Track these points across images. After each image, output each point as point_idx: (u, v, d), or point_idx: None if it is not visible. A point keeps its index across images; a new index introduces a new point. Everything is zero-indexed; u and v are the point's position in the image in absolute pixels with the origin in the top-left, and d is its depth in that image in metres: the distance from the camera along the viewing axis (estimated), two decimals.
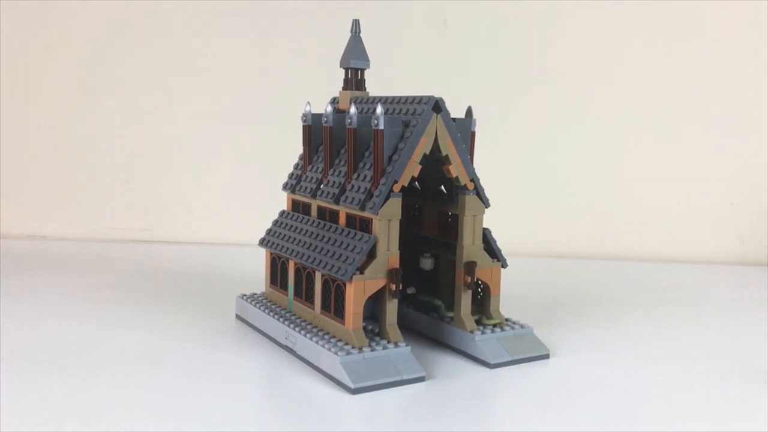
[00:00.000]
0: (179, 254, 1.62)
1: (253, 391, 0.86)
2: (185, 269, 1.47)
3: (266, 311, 1.04)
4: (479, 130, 1.01)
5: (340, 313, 0.92)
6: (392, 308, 0.92)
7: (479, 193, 0.97)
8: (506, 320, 1.02)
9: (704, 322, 1.19)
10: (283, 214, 1.11)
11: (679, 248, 1.72)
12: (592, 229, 1.73)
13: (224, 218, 1.76)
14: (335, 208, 0.97)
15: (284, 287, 1.06)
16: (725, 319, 1.22)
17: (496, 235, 1.01)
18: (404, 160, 0.90)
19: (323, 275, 0.94)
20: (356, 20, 1.07)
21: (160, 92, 1.73)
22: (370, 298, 0.90)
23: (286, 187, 1.10)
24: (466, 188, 0.96)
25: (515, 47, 1.70)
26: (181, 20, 1.71)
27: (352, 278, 0.88)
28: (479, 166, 0.99)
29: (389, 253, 0.90)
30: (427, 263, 1.03)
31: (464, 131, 0.97)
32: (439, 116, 0.92)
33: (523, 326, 1.00)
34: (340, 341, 0.90)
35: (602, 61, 1.70)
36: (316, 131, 1.05)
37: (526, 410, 0.81)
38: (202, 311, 1.16)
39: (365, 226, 0.92)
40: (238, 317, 1.13)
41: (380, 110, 0.90)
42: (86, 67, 1.73)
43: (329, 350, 0.88)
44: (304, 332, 0.94)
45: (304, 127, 1.06)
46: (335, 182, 0.98)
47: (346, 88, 1.08)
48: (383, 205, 0.89)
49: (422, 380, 0.88)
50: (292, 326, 0.97)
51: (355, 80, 1.08)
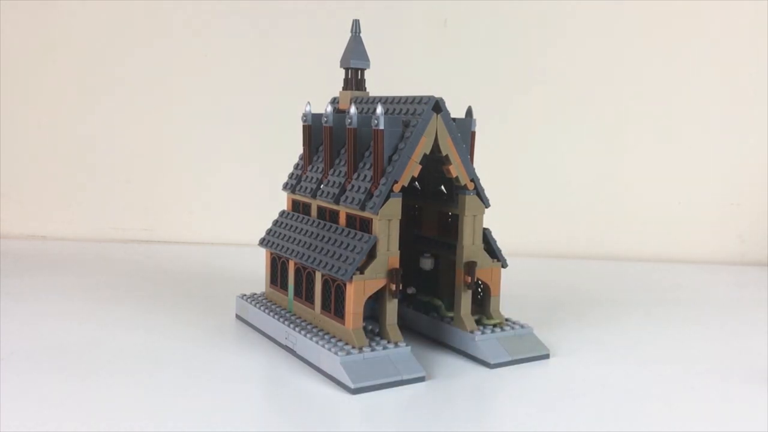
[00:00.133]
0: (179, 254, 1.62)
1: (253, 391, 0.86)
2: (185, 269, 1.47)
3: (266, 311, 1.04)
4: (479, 130, 1.01)
5: (340, 313, 0.92)
6: (392, 308, 0.92)
7: (479, 193, 0.97)
8: (506, 320, 1.02)
9: (704, 322, 1.19)
10: (283, 214, 1.11)
11: (679, 248, 1.72)
12: (592, 229, 1.73)
13: (224, 218, 1.76)
14: (335, 208, 0.97)
15: (284, 287, 1.06)
16: (725, 319, 1.22)
17: (496, 235, 1.01)
18: (404, 160, 0.90)
19: (323, 275, 0.94)
20: (356, 20, 1.07)
21: (160, 92, 1.74)
22: (370, 298, 0.90)
23: (286, 187, 1.10)
24: (466, 188, 0.96)
25: (515, 47, 1.70)
26: (181, 20, 1.71)
27: (352, 278, 0.88)
28: (479, 166, 0.99)
29: (389, 253, 0.90)
30: (427, 263, 1.03)
31: (464, 131, 0.97)
32: (439, 116, 0.92)
33: (523, 326, 1.00)
34: (340, 341, 0.90)
35: (602, 61, 1.70)
36: (316, 131, 1.05)
37: (526, 410, 0.81)
38: (202, 311, 1.16)
39: (365, 226, 0.92)
40: (238, 317, 1.13)
41: (380, 110, 0.90)
42: (86, 67, 1.73)
43: (329, 350, 0.88)
44: (304, 332, 0.94)
45: (304, 127, 1.06)
46: (335, 182, 0.98)
47: (346, 88, 1.08)
48: (383, 205, 0.89)
49: (422, 380, 0.88)
50: (292, 326, 0.97)
51: (355, 80, 1.08)
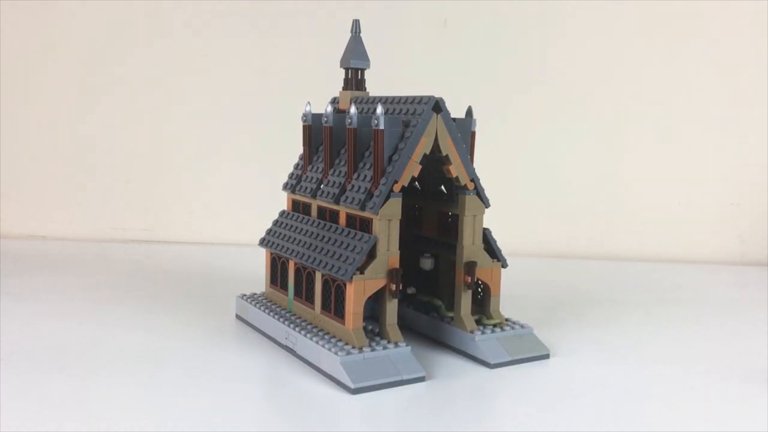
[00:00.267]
0: (179, 254, 1.62)
1: (253, 391, 0.86)
2: (185, 269, 1.47)
3: (266, 311, 1.04)
4: (479, 130, 1.01)
5: (340, 313, 0.92)
6: (392, 308, 0.92)
7: (479, 193, 0.97)
8: (506, 320, 1.02)
9: (704, 322, 1.19)
10: (283, 214, 1.11)
11: (679, 248, 1.72)
12: (592, 229, 1.73)
13: (224, 218, 1.76)
14: (335, 208, 0.97)
15: (284, 287, 1.06)
16: (725, 319, 1.22)
17: (496, 235, 1.01)
18: (404, 160, 0.90)
19: (323, 275, 0.94)
20: (356, 20, 1.07)
21: (160, 92, 1.74)
22: (370, 298, 0.90)
23: (286, 187, 1.10)
24: (466, 188, 0.96)
25: (515, 47, 1.70)
26: (181, 20, 1.71)
27: (352, 278, 0.88)
28: (479, 166, 0.99)
29: (389, 253, 0.90)
30: (427, 263, 1.03)
31: (464, 131, 0.97)
32: (439, 116, 0.92)
33: (523, 326, 1.00)
34: (340, 341, 0.90)
35: (602, 61, 1.70)
36: (316, 131, 1.05)
37: (526, 410, 0.81)
38: (202, 311, 1.16)
39: (365, 226, 0.92)
40: (238, 317, 1.13)
41: (380, 110, 0.90)
42: (86, 67, 1.73)
43: (329, 350, 0.88)
44: (304, 332, 0.94)
45: (304, 127, 1.06)
46: (335, 182, 0.98)
47: (346, 88, 1.08)
48: (383, 205, 0.89)
49: (422, 380, 0.88)
50: (292, 326, 0.97)
51: (355, 80, 1.08)
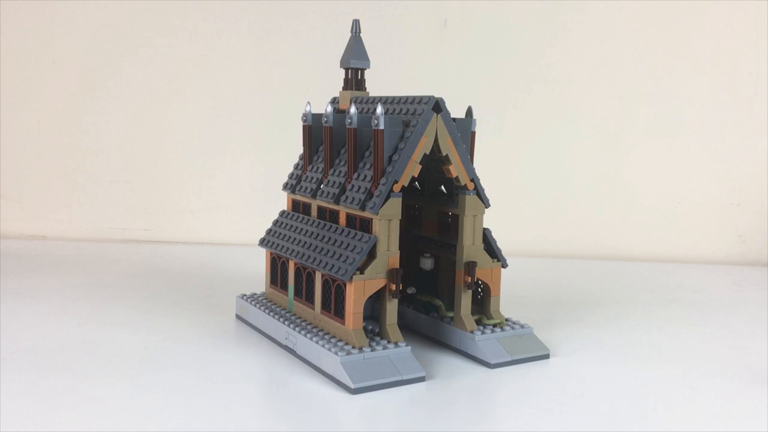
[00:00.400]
0: (179, 254, 1.62)
1: (253, 391, 0.86)
2: (185, 269, 1.47)
3: (266, 311, 1.04)
4: (479, 129, 1.01)
5: (340, 313, 0.92)
6: (392, 308, 0.92)
7: (479, 193, 0.97)
8: (506, 320, 1.02)
9: (704, 322, 1.19)
10: (283, 214, 1.11)
11: (679, 248, 1.72)
12: (592, 229, 1.73)
13: (224, 218, 1.76)
14: (335, 208, 0.97)
15: (284, 287, 1.06)
16: (725, 319, 1.22)
17: (496, 235, 1.01)
18: (404, 160, 0.90)
19: (323, 275, 0.94)
20: (356, 20, 1.07)
21: (160, 92, 1.73)
22: (370, 298, 0.90)
23: (286, 187, 1.10)
24: (466, 188, 0.96)
25: (515, 47, 1.70)
26: (181, 20, 1.71)
27: (352, 278, 0.88)
28: (479, 166, 0.99)
29: (389, 253, 0.90)
30: (427, 263, 1.03)
31: (464, 131, 0.97)
32: (439, 116, 0.92)
33: (523, 326, 1.00)
34: (340, 341, 0.90)
35: (602, 60, 1.70)
36: (316, 131, 1.05)
37: (526, 410, 0.81)
38: (202, 311, 1.16)
39: (365, 226, 0.92)
40: (238, 317, 1.13)
41: (380, 110, 0.90)
42: (86, 67, 1.73)
43: (329, 350, 0.88)
44: (304, 332, 0.94)
45: (304, 127, 1.06)
46: (335, 182, 0.98)
47: (346, 88, 1.08)
48: (383, 205, 0.89)
49: (422, 380, 0.88)
50: (292, 326, 0.97)
51: (355, 80, 1.08)
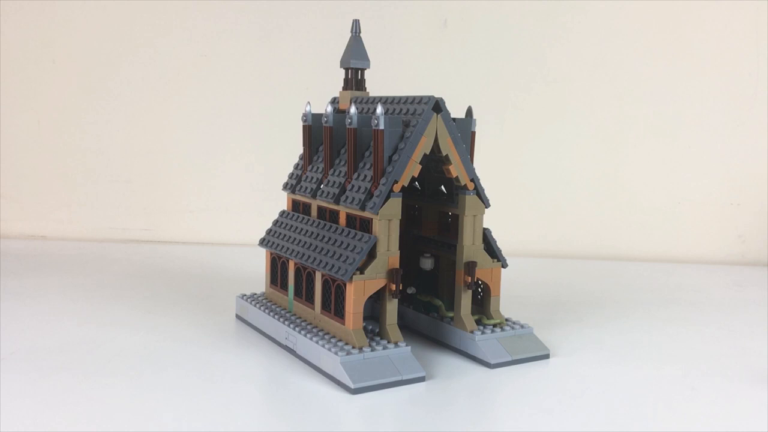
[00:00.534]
0: (179, 254, 1.62)
1: (253, 391, 0.86)
2: (185, 269, 1.47)
3: (266, 311, 1.04)
4: (479, 129, 1.01)
5: (340, 313, 0.92)
6: (392, 308, 0.92)
7: (479, 193, 0.97)
8: (506, 320, 1.02)
9: (704, 322, 1.19)
10: (283, 214, 1.11)
11: (679, 248, 1.72)
12: (592, 229, 1.73)
13: (224, 218, 1.76)
14: (335, 208, 0.97)
15: (284, 287, 1.06)
16: (725, 319, 1.22)
17: (496, 235, 1.01)
18: (404, 160, 0.90)
19: (323, 275, 0.94)
20: (356, 20, 1.07)
21: (160, 92, 1.73)
22: (370, 298, 0.90)
23: (286, 187, 1.10)
24: (466, 188, 0.96)
25: (515, 47, 1.70)
26: (181, 20, 1.71)
27: (352, 278, 0.88)
28: (479, 166, 0.99)
29: (389, 253, 0.90)
30: (427, 263, 1.03)
31: (464, 131, 0.97)
32: (439, 116, 0.92)
33: (523, 326, 1.00)
34: (340, 341, 0.90)
35: (602, 60, 1.70)
36: (316, 131, 1.05)
37: (526, 410, 0.81)
38: (202, 311, 1.16)
39: (365, 226, 0.92)
40: (238, 317, 1.13)
41: (380, 110, 0.90)
42: (86, 67, 1.73)
43: (329, 350, 0.88)
44: (304, 332, 0.94)
45: (304, 127, 1.06)
46: (335, 182, 0.98)
47: (346, 88, 1.08)
48: (383, 205, 0.89)
49: (422, 380, 0.88)
50: (292, 326, 0.97)
51: (355, 80, 1.08)
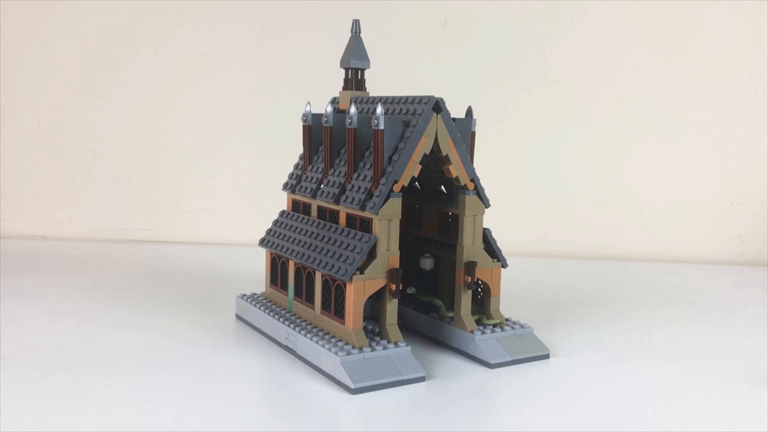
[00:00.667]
0: (179, 254, 1.62)
1: (253, 391, 0.86)
2: (185, 269, 1.47)
3: (266, 311, 1.04)
4: (479, 129, 1.01)
5: (340, 313, 0.92)
6: (392, 308, 0.92)
7: (479, 193, 0.97)
8: (506, 320, 1.02)
9: (704, 322, 1.19)
10: (283, 214, 1.11)
11: (679, 248, 1.72)
12: (592, 229, 1.73)
13: (224, 218, 1.76)
14: (335, 208, 0.97)
15: (284, 287, 1.06)
16: (725, 319, 1.22)
17: (496, 235, 1.01)
18: (404, 160, 0.90)
19: (323, 275, 0.94)
20: (356, 20, 1.07)
21: (160, 92, 1.74)
22: (370, 298, 0.90)
23: (286, 187, 1.10)
24: (466, 188, 0.96)
25: (515, 47, 1.70)
26: (181, 20, 1.71)
27: (352, 278, 0.88)
28: (479, 166, 0.99)
29: (389, 253, 0.90)
30: (427, 263, 1.03)
31: (464, 131, 0.97)
32: (439, 116, 0.92)
33: (523, 326, 1.00)
34: (340, 341, 0.90)
35: (602, 60, 1.70)
36: (316, 131, 1.05)
37: (526, 410, 0.81)
38: (202, 311, 1.16)
39: (365, 226, 0.92)
40: (238, 317, 1.13)
41: (380, 110, 0.90)
42: (86, 66, 1.73)
43: (329, 350, 0.88)
44: (304, 332, 0.94)
45: (304, 127, 1.06)
46: (335, 182, 0.98)
47: (346, 88, 1.08)
48: (383, 205, 0.89)
49: (422, 380, 0.88)
50: (292, 326, 0.97)
51: (355, 80, 1.08)
